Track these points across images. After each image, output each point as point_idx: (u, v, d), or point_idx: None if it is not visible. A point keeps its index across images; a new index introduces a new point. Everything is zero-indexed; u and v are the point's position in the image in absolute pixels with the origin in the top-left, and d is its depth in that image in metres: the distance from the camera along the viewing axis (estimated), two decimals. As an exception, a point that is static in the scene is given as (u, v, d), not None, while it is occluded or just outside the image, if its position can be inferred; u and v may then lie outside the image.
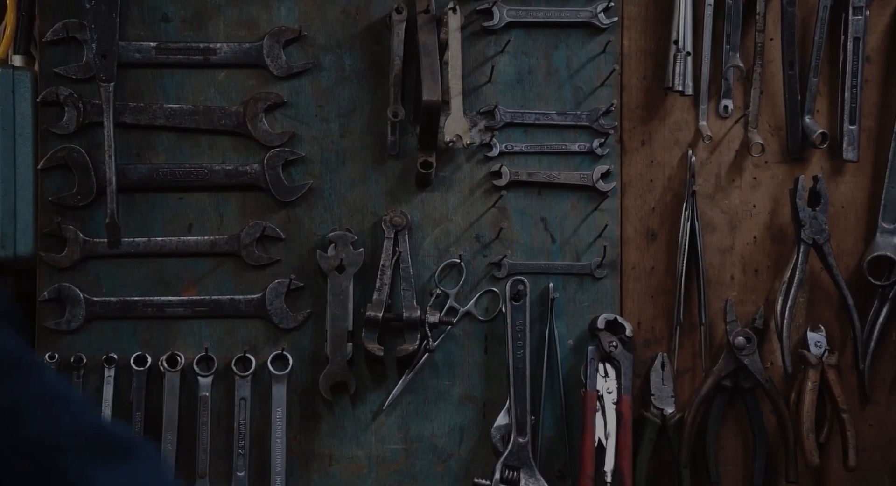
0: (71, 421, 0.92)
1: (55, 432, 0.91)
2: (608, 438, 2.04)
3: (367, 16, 2.07)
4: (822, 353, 2.10)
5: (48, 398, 0.92)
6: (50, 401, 0.92)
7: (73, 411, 0.93)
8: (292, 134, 2.06)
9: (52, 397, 0.92)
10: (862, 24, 2.06)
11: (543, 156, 2.11)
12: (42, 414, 0.90)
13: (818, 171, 2.12)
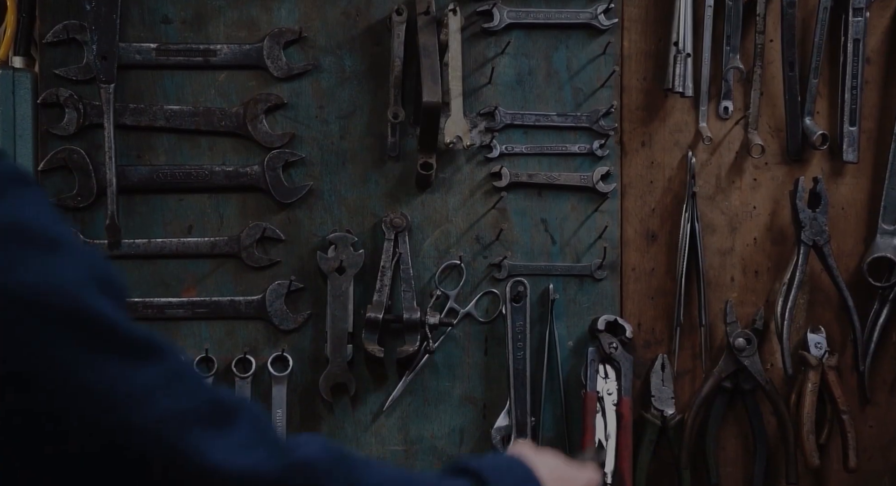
0: (191, 397, 0.93)
1: (177, 410, 0.92)
2: (608, 439, 2.04)
3: (368, 17, 2.07)
4: (822, 354, 2.10)
5: (171, 377, 0.93)
6: (172, 379, 0.93)
7: (191, 385, 0.95)
8: (292, 135, 2.06)
9: (174, 375, 0.93)
10: (862, 26, 2.06)
11: (543, 157, 2.11)
12: (165, 394, 0.92)
13: (818, 172, 2.12)
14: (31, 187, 0.93)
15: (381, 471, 1.08)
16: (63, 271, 0.88)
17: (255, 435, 0.97)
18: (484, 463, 1.21)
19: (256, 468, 0.95)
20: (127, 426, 0.89)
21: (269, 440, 0.98)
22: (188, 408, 0.92)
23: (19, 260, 0.87)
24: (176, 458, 0.91)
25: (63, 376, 0.87)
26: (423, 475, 1.20)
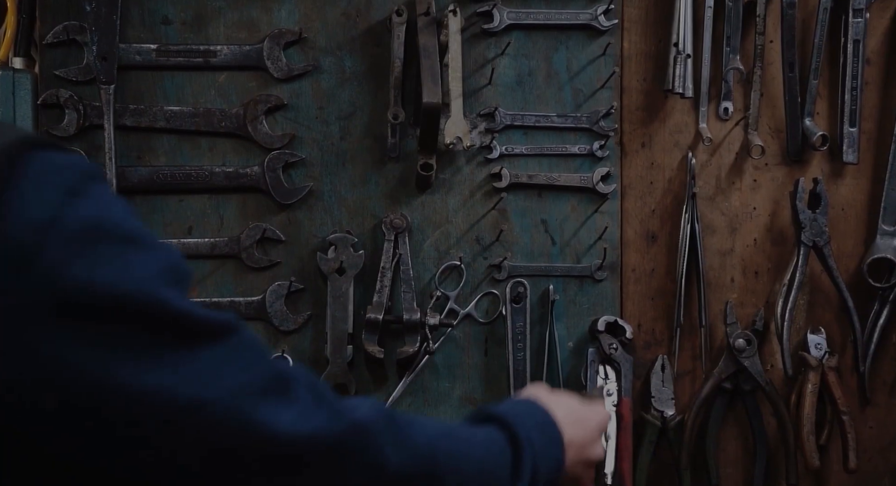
0: (256, 370, 0.97)
1: (245, 383, 0.96)
2: (608, 440, 2.04)
3: (368, 18, 2.07)
4: (822, 355, 2.10)
5: (236, 353, 0.97)
6: (237, 355, 0.97)
7: (255, 359, 0.99)
8: (292, 136, 2.06)
9: (238, 351, 0.97)
10: (862, 27, 2.06)
11: (543, 158, 2.11)
12: (232, 370, 0.95)
13: (818, 173, 2.12)
14: (104, 184, 0.95)
15: (424, 429, 1.13)
16: (142, 267, 0.91)
17: (315, 400, 1.01)
18: (507, 410, 1.28)
19: (319, 431, 0.99)
20: (199, 405, 0.92)
21: (328, 403, 1.02)
22: (255, 380, 0.96)
23: (104, 258, 0.89)
24: (247, 428, 0.95)
25: (137, 371, 0.90)
26: (459, 427, 1.24)
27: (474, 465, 1.18)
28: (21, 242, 0.87)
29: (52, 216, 0.88)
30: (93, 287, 0.88)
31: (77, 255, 0.88)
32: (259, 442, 0.96)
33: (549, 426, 1.31)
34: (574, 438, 1.37)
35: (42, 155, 0.90)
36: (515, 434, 1.24)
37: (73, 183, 0.90)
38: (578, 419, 1.41)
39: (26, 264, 0.87)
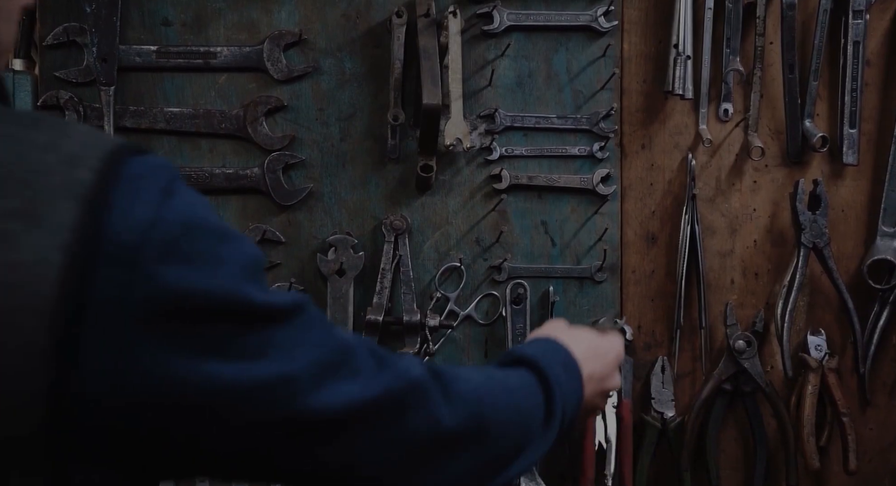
0: (327, 345, 1.02)
1: (316, 359, 0.99)
2: (609, 442, 2.04)
3: (368, 19, 2.07)
4: (822, 356, 2.10)
5: (306, 334, 1.01)
6: (309, 335, 1.01)
7: (324, 335, 1.03)
8: (292, 137, 2.06)
9: (313, 329, 1.01)
10: (862, 28, 2.06)
11: (543, 159, 2.11)
12: (304, 347, 0.99)
13: (818, 174, 2.12)
14: (184, 182, 0.97)
15: (469, 382, 1.16)
16: (230, 265, 0.94)
17: (377, 364, 1.05)
18: (535, 351, 1.33)
19: (384, 394, 1.04)
20: (285, 380, 0.96)
21: (388, 365, 1.07)
22: (326, 355, 1.00)
23: (197, 259, 0.92)
24: (322, 400, 0.98)
25: (225, 364, 0.93)
26: (496, 374, 1.28)
27: (513, 411, 1.22)
28: (125, 242, 0.88)
29: (152, 217, 0.90)
30: (187, 290, 0.91)
31: (173, 255, 0.90)
32: (333, 412, 0.99)
33: (571, 365, 1.37)
34: (594, 372, 1.44)
35: (138, 159, 0.92)
36: (546, 377, 1.28)
37: (165, 183, 0.92)
38: (597, 353, 1.47)
39: (130, 265, 0.89)
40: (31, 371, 0.86)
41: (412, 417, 1.06)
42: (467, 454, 1.13)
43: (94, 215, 0.87)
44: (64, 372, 0.87)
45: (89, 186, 0.88)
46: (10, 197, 0.87)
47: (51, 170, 0.88)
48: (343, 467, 1.03)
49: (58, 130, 0.92)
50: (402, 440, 1.06)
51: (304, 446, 0.99)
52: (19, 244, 0.85)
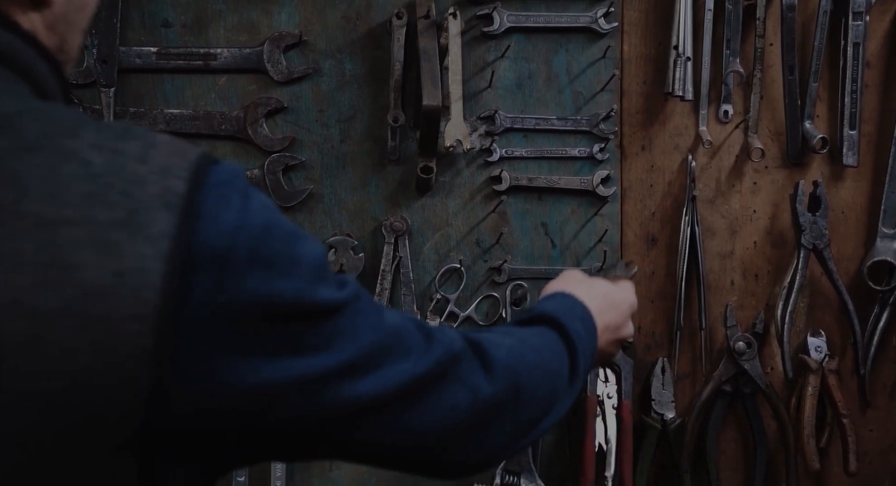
0: (381, 327, 1.06)
1: (375, 342, 1.04)
2: (609, 443, 2.04)
3: (368, 21, 2.08)
4: (822, 358, 2.10)
5: (364, 319, 1.05)
6: (367, 320, 1.05)
7: (379, 319, 1.07)
8: (293, 139, 2.07)
9: (369, 314, 1.06)
10: (862, 30, 2.06)
11: (543, 161, 2.11)
12: (364, 332, 1.04)
13: (818, 176, 2.12)
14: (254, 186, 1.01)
15: (501, 347, 1.22)
16: (303, 268, 0.98)
17: (424, 339, 1.11)
18: (556, 309, 1.40)
19: (433, 368, 1.09)
20: (349, 367, 1.01)
21: (435, 339, 1.12)
22: (382, 338, 1.05)
23: (276, 263, 0.95)
24: (381, 380, 1.04)
25: (298, 361, 0.98)
26: (524, 335, 1.33)
27: (543, 373, 1.27)
28: (215, 249, 0.92)
29: (237, 222, 0.93)
30: (269, 295, 0.94)
31: (256, 259, 0.94)
32: (391, 391, 1.04)
33: (587, 320, 1.43)
34: (609, 323, 1.53)
35: (219, 166, 0.96)
36: (568, 335, 1.34)
37: (243, 188, 0.96)
38: (611, 304, 1.56)
39: (219, 270, 0.92)
40: (135, 377, 0.89)
41: (455, 388, 1.11)
42: (504, 419, 1.18)
43: (188, 224, 0.90)
44: (161, 376, 0.89)
45: (182, 195, 0.91)
46: (113, 207, 0.89)
47: (145, 180, 0.91)
48: (393, 439, 1.07)
49: (145, 141, 0.94)
50: (446, 410, 1.10)
51: (363, 424, 1.04)
52: (124, 253, 0.88)
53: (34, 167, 0.89)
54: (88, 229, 0.88)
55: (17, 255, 0.86)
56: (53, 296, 0.86)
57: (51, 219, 0.87)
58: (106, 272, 0.87)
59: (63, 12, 1.03)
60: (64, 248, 0.87)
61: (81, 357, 0.87)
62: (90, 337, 0.87)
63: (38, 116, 0.93)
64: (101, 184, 0.89)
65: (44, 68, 1.01)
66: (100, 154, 0.91)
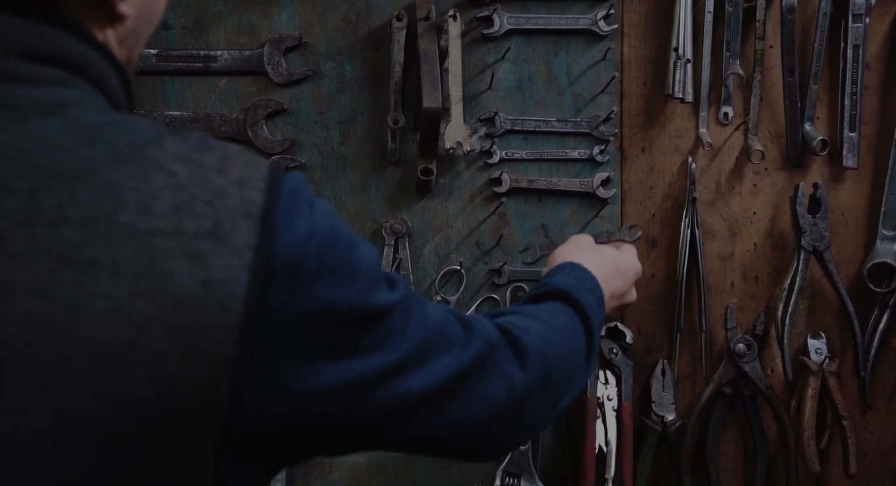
0: (428, 327, 1.11)
1: (425, 338, 1.09)
2: (609, 445, 2.04)
3: (368, 23, 2.08)
4: (822, 360, 2.10)
5: (415, 315, 1.10)
6: (415, 318, 1.10)
7: (426, 317, 1.12)
8: (293, 141, 2.07)
9: (417, 312, 1.10)
10: (862, 32, 2.06)
11: (543, 163, 2.11)
12: (413, 330, 1.08)
13: (818, 178, 2.12)
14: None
15: (529, 332, 1.26)
16: (363, 274, 1.02)
17: (465, 331, 1.15)
18: (570, 283, 1.46)
19: (474, 360, 1.14)
20: (402, 364, 1.05)
21: (476, 331, 1.17)
22: (428, 335, 1.09)
23: (340, 271, 0.99)
24: (428, 375, 1.08)
25: (359, 364, 1.02)
26: (545, 315, 1.38)
27: (566, 352, 1.33)
28: (290, 257, 0.95)
29: (308, 231, 0.97)
30: (334, 302, 0.98)
31: (323, 266, 0.97)
32: (436, 384, 1.09)
33: (597, 291, 1.51)
34: (615, 291, 1.62)
35: (288, 175, 0.99)
36: (584, 311, 1.41)
37: (309, 196, 0.99)
38: (617, 271, 1.65)
39: (292, 278, 0.95)
40: (218, 384, 0.91)
41: (493, 378, 1.16)
42: (536, 402, 1.24)
43: (267, 234, 0.93)
44: (239, 383, 0.92)
45: (261, 206, 0.94)
46: (200, 218, 0.91)
47: (226, 191, 0.94)
48: (438, 431, 1.12)
49: (220, 152, 0.98)
50: (486, 400, 1.15)
51: (412, 418, 1.08)
52: (211, 263, 0.91)
53: (127, 178, 0.91)
54: (178, 240, 0.90)
55: (114, 264, 0.88)
56: (148, 305, 0.88)
57: (144, 230, 0.89)
58: (195, 282, 0.90)
59: (134, 27, 1.06)
60: (156, 258, 0.89)
61: (171, 365, 0.89)
62: (180, 345, 0.89)
63: (123, 127, 0.95)
64: (186, 195, 0.92)
65: (115, 80, 1.04)
66: (183, 165, 0.94)
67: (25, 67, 0.95)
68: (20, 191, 0.89)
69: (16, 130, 0.92)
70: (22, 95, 0.94)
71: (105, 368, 0.88)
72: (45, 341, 0.87)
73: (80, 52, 0.99)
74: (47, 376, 0.87)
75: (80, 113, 0.95)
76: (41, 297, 0.87)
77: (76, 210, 0.89)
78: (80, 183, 0.90)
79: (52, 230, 0.88)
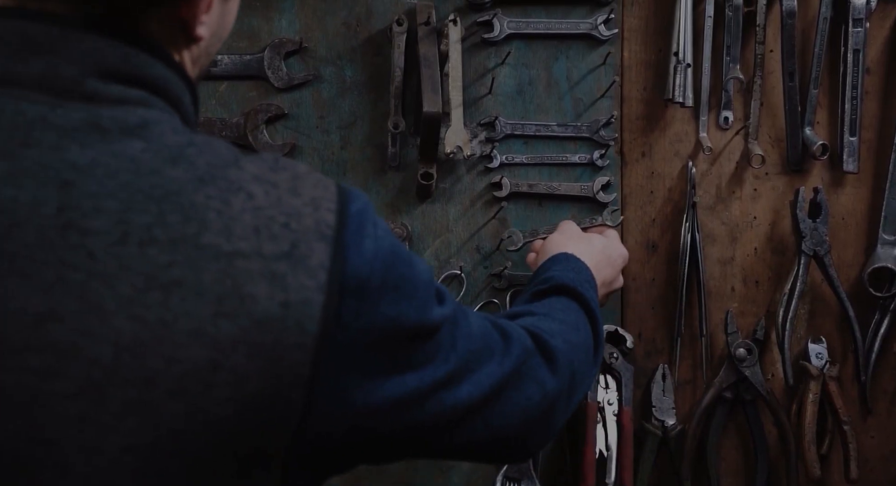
0: (473, 338, 1.14)
1: (473, 349, 1.13)
2: (609, 450, 2.04)
3: (368, 28, 2.08)
4: (823, 364, 2.10)
5: (462, 328, 1.13)
6: (461, 330, 1.13)
7: (473, 328, 1.15)
8: (293, 145, 2.07)
9: (462, 324, 1.13)
10: (862, 36, 2.06)
11: (544, 167, 2.11)
12: (461, 342, 1.11)
13: (818, 182, 2.12)
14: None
15: (554, 334, 1.29)
16: (421, 291, 1.05)
17: (503, 339, 1.18)
18: (571, 277, 1.50)
19: (514, 367, 1.17)
20: (453, 376, 1.09)
21: (513, 338, 1.20)
22: (473, 346, 1.12)
23: (402, 288, 1.02)
24: (475, 384, 1.11)
25: (414, 377, 1.05)
26: (557, 310, 1.41)
27: (584, 350, 1.37)
28: (360, 276, 0.97)
29: (374, 249, 0.99)
30: (396, 320, 1.01)
31: (387, 284, 1.00)
32: (482, 393, 1.12)
33: (592, 281, 1.56)
34: (606, 279, 1.68)
35: (353, 194, 1.02)
36: (588, 305, 1.45)
37: (372, 215, 1.03)
38: (607, 259, 1.71)
39: (361, 297, 0.97)
40: (292, 402, 0.94)
41: (528, 384, 1.20)
42: (563, 403, 1.27)
43: (339, 254, 0.96)
44: (311, 400, 0.95)
45: (333, 227, 0.97)
46: (278, 240, 0.93)
47: (301, 213, 0.96)
48: (480, 437, 1.14)
49: (291, 171, 0.99)
50: (523, 405, 1.19)
51: (459, 426, 1.11)
52: (289, 285, 0.93)
53: (209, 199, 0.93)
54: (258, 262, 0.92)
55: (199, 285, 0.90)
56: (230, 326, 0.90)
57: (227, 251, 0.91)
58: (275, 303, 0.92)
59: (206, 46, 1.10)
60: (238, 280, 0.91)
61: (251, 384, 0.91)
62: (259, 365, 0.91)
63: (203, 148, 0.97)
64: (265, 217, 0.94)
65: (188, 98, 1.06)
66: (260, 186, 0.96)
67: (109, 88, 0.97)
68: (110, 211, 0.90)
69: (102, 150, 0.93)
70: (107, 114, 0.95)
71: (189, 387, 0.89)
72: (135, 360, 0.88)
73: (162, 73, 1.01)
74: (136, 395, 0.88)
75: (161, 133, 0.97)
76: (131, 317, 0.88)
77: (164, 231, 0.90)
78: (166, 204, 0.91)
79: (141, 251, 0.89)
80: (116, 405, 0.88)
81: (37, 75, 0.95)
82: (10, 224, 0.89)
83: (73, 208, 0.90)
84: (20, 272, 0.88)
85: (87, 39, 0.96)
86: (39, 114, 0.93)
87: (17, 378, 0.87)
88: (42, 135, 0.93)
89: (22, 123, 0.93)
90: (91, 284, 0.88)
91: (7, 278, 0.88)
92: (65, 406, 0.88)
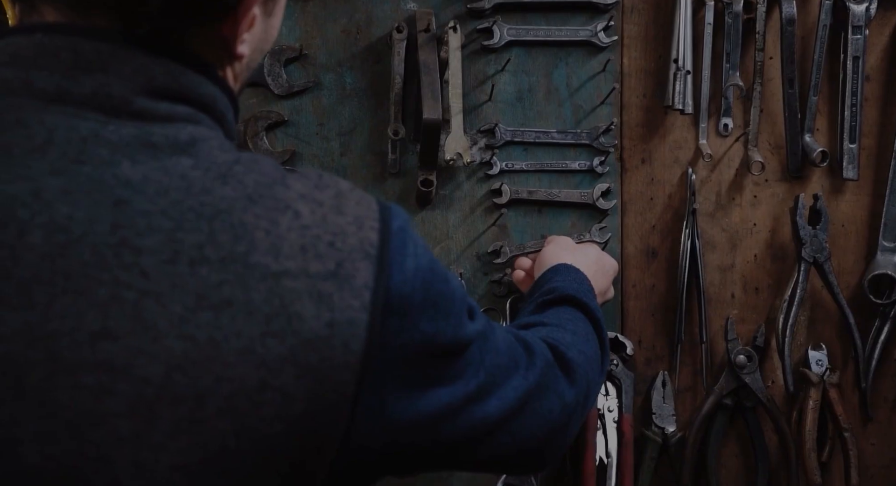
0: (500, 352, 1.15)
1: (500, 364, 1.14)
2: (609, 457, 2.04)
3: (368, 35, 2.08)
4: (823, 371, 2.10)
5: (491, 344, 1.15)
6: (490, 345, 1.15)
7: (501, 344, 1.17)
8: (293, 152, 2.07)
9: (491, 339, 1.15)
10: (861, 43, 2.06)
11: (544, 174, 2.11)
12: (489, 356, 1.13)
13: (818, 189, 2.12)
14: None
15: (569, 346, 1.31)
16: (456, 308, 1.06)
17: (527, 353, 1.20)
18: (575, 288, 1.54)
19: (537, 381, 1.19)
20: (482, 390, 1.10)
21: (536, 352, 1.22)
22: (499, 361, 1.13)
23: (440, 304, 1.03)
24: (502, 398, 1.13)
25: (446, 392, 1.07)
26: (567, 321, 1.43)
27: (595, 361, 1.39)
28: (402, 294, 0.98)
29: (414, 267, 1.00)
30: (434, 336, 1.02)
31: (426, 300, 1.01)
32: (510, 406, 1.14)
33: (592, 291, 1.60)
34: (600, 288, 1.72)
35: (392, 211, 1.02)
36: (593, 314, 1.47)
37: (411, 231, 1.03)
38: (601, 269, 1.75)
39: (402, 314, 0.98)
40: (337, 420, 0.95)
41: (549, 396, 1.21)
42: (579, 413, 1.29)
43: (383, 273, 0.96)
44: (353, 417, 0.96)
45: (377, 245, 0.97)
46: (324, 259, 0.94)
47: (346, 232, 0.96)
48: (505, 449, 1.15)
49: (335, 188, 1.00)
50: (545, 417, 1.20)
51: (487, 439, 1.12)
52: (335, 305, 0.93)
53: (258, 218, 0.93)
54: (305, 281, 0.92)
55: (248, 305, 0.90)
56: (279, 345, 0.91)
57: (274, 271, 0.91)
58: (322, 323, 0.92)
59: (248, 62, 1.10)
60: (286, 299, 0.91)
61: (299, 404, 0.92)
62: (306, 384, 0.92)
63: (250, 166, 0.97)
64: (311, 236, 0.94)
65: (231, 114, 1.07)
66: (306, 205, 0.96)
67: (158, 105, 0.97)
68: (162, 229, 0.90)
69: (153, 166, 0.93)
70: (157, 131, 0.96)
71: (238, 406, 0.90)
72: (186, 379, 0.89)
73: (209, 90, 1.02)
74: (187, 413, 0.89)
75: (209, 150, 0.97)
76: (182, 336, 0.89)
77: (214, 251, 0.91)
78: (217, 223, 0.92)
79: (192, 270, 0.90)
80: (166, 423, 0.88)
81: (88, 93, 0.95)
82: (66, 242, 0.89)
83: (127, 226, 0.90)
84: (75, 290, 0.88)
85: (136, 57, 0.97)
86: (92, 130, 0.94)
87: (71, 396, 0.87)
88: (95, 150, 0.93)
89: (76, 139, 0.93)
90: (144, 302, 0.88)
91: (63, 296, 0.88)
92: (116, 425, 0.88)
